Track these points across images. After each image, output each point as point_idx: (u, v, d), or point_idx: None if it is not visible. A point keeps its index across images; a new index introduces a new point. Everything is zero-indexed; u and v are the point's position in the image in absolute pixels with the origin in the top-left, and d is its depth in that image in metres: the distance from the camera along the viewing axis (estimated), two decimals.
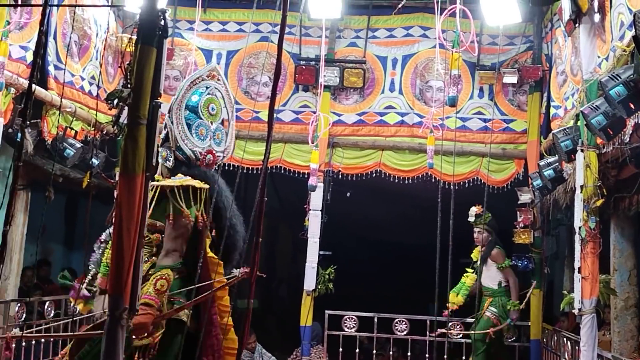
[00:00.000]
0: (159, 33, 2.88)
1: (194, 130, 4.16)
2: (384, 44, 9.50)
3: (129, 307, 2.69)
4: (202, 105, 4.22)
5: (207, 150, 4.24)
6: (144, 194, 2.82)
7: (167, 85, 9.33)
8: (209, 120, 4.26)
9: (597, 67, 6.07)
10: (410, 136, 9.25)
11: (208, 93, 4.32)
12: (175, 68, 9.47)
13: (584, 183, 5.91)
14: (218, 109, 4.33)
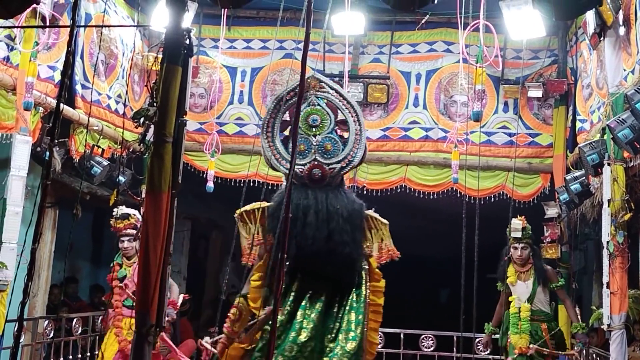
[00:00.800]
0: (184, 52, 2.93)
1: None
2: (407, 59, 9.51)
3: (156, 324, 2.71)
4: (301, 120, 3.95)
5: (311, 165, 3.99)
6: (171, 211, 2.85)
7: (192, 103, 9.41)
8: (310, 133, 4.03)
9: (623, 80, 6.02)
10: (435, 151, 9.22)
11: (308, 105, 4.08)
12: (200, 86, 9.56)
13: (612, 197, 5.85)
14: (322, 119, 4.04)
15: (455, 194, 8.89)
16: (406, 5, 4.87)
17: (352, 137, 4.02)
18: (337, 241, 3.84)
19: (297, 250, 3.82)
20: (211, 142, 8.71)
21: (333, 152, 4.02)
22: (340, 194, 4.00)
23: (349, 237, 3.88)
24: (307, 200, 3.91)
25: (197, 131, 9.45)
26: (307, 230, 3.84)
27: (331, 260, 3.83)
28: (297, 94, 4.02)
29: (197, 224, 11.54)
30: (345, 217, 3.90)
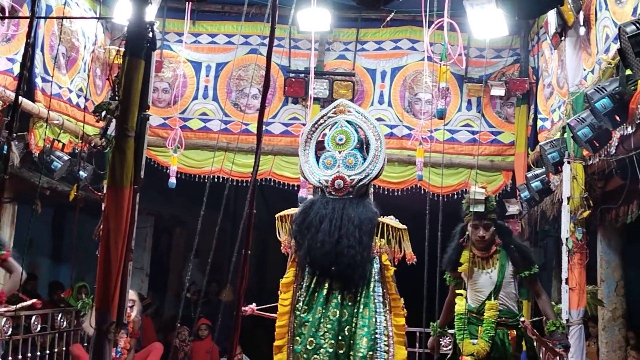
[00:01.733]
0: (147, 45, 2.89)
1: (322, 162, 4.71)
2: (372, 56, 9.54)
3: (117, 321, 2.68)
4: (329, 139, 4.72)
5: (335, 176, 4.61)
6: (132, 207, 2.81)
7: (155, 97, 9.32)
8: (336, 150, 4.69)
9: (583, 79, 6.12)
10: (400, 148, 9.28)
11: (337, 127, 4.77)
12: (164, 80, 9.46)
13: (571, 195, 5.95)
14: (347, 138, 4.70)
15: (419, 191, 8.96)
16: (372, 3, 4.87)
17: (372, 153, 4.65)
18: (344, 245, 4.38)
19: (309, 252, 4.45)
20: (174, 137, 8.64)
21: (354, 165, 4.65)
22: (359, 204, 4.56)
23: (356, 241, 4.39)
24: (326, 210, 4.53)
25: (161, 126, 9.35)
26: (319, 236, 4.43)
27: (338, 261, 4.36)
28: (330, 116, 4.86)
29: (160, 219, 11.43)
30: (356, 224, 4.44)
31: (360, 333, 4.27)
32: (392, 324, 4.41)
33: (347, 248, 4.37)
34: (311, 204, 4.67)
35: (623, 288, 7.15)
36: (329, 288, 4.42)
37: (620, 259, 7.20)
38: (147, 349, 7.82)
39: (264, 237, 14.94)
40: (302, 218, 4.59)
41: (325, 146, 4.74)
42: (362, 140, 4.73)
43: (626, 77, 4.79)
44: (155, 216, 11.08)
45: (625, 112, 4.90)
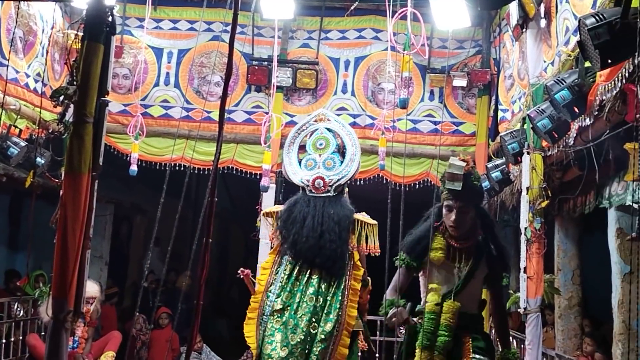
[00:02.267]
0: (107, 29, 2.84)
1: (303, 163, 5.20)
2: (336, 45, 9.54)
3: (74, 310, 2.64)
4: (310, 144, 5.26)
5: (316, 176, 5.09)
6: (91, 194, 2.77)
7: (115, 83, 9.18)
8: (317, 153, 5.22)
9: (543, 71, 6.20)
10: (362, 138, 9.28)
11: (317, 133, 5.30)
12: (125, 66, 9.33)
13: (530, 185, 6.03)
14: (327, 143, 5.25)
15: (382, 181, 9.00)
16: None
17: (348, 157, 5.18)
18: (326, 239, 4.83)
19: (295, 245, 4.87)
20: (135, 124, 8.52)
21: (333, 167, 5.16)
22: (337, 202, 5.03)
23: (336, 236, 4.84)
24: (308, 207, 4.99)
25: (121, 113, 9.23)
26: (304, 231, 4.88)
27: (321, 254, 4.81)
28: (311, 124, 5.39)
29: (120, 207, 11.29)
30: (335, 220, 4.90)
31: (326, 319, 4.75)
32: (346, 314, 4.81)
33: (329, 242, 4.82)
34: (295, 202, 5.09)
35: (579, 277, 7.30)
36: (309, 277, 4.87)
37: (577, 249, 7.34)
38: (105, 337, 7.74)
39: (227, 226, 14.92)
40: (287, 214, 5.02)
41: (306, 150, 5.26)
42: (339, 146, 5.26)
43: (585, 70, 4.87)
44: (115, 204, 10.94)
45: (583, 104, 4.98)
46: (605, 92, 4.60)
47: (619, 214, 5.93)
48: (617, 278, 5.84)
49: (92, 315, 7.20)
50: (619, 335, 5.70)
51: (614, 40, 3.82)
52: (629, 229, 5.54)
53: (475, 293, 4.30)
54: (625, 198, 5.56)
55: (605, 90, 4.61)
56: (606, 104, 4.66)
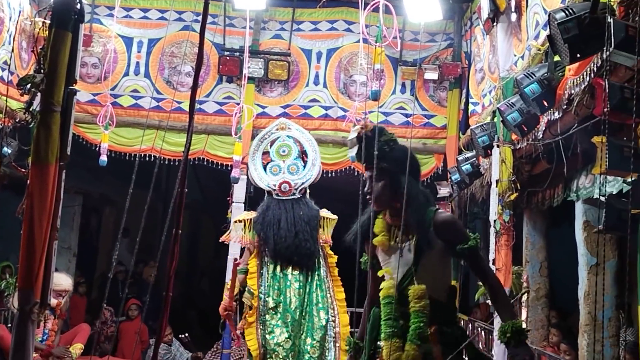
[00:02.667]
0: (75, 17, 2.80)
1: (269, 170, 5.79)
2: (308, 37, 9.52)
3: (40, 302, 2.60)
4: (274, 151, 5.84)
5: (282, 181, 5.70)
6: (58, 184, 2.73)
7: (84, 72, 9.06)
8: (280, 159, 5.81)
9: (513, 65, 6.25)
10: (334, 130, 9.31)
11: (280, 141, 5.89)
12: (94, 55, 9.20)
13: (499, 177, 6.09)
14: (289, 150, 5.86)
15: (353, 173, 9.02)
16: None
17: (310, 162, 5.79)
18: (301, 238, 5.46)
19: (275, 245, 5.45)
20: (105, 114, 8.42)
21: (297, 172, 5.78)
22: (302, 203, 5.66)
23: (309, 235, 5.50)
24: (280, 211, 5.56)
25: (90, 102, 9.11)
26: (281, 232, 5.46)
27: (297, 252, 5.44)
28: (273, 133, 6.00)
29: (89, 198, 11.16)
30: (306, 221, 5.55)
31: (318, 307, 5.37)
32: (335, 299, 5.50)
33: (303, 241, 5.46)
34: (267, 207, 5.66)
35: (547, 269, 7.39)
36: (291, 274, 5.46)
37: (544, 241, 7.44)
38: (74, 330, 7.66)
39: (197, 218, 14.84)
40: (262, 218, 5.60)
41: (270, 157, 5.82)
42: (300, 152, 5.86)
43: (555, 64, 4.92)
44: (83, 195, 10.81)
45: (552, 98, 5.03)
46: (574, 86, 4.65)
47: (586, 207, 6.01)
48: (584, 270, 5.93)
49: (62, 308, 7.13)
50: (585, 326, 5.79)
51: (583, 35, 3.86)
52: (596, 222, 5.61)
53: (438, 274, 3.40)
54: (593, 191, 5.64)
55: (574, 84, 4.66)
56: (575, 97, 4.72)
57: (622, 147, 3.83)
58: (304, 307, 5.38)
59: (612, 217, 3.96)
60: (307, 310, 5.39)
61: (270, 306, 5.35)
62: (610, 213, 3.97)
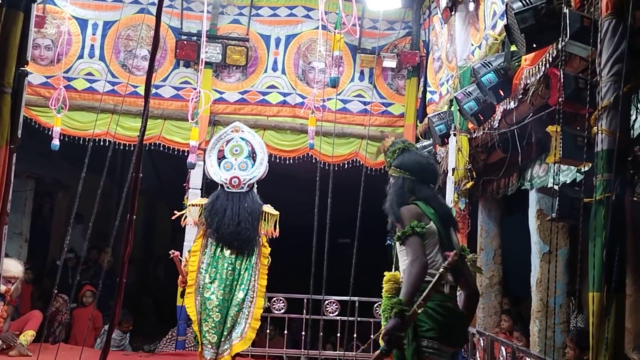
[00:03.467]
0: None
1: (222, 166, 6.59)
2: (267, 22, 9.44)
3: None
4: (228, 150, 6.66)
5: (232, 176, 6.50)
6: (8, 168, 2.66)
7: (37, 54, 8.84)
8: (233, 157, 6.63)
9: (470, 54, 6.31)
10: (292, 116, 9.28)
11: (234, 141, 6.71)
12: (47, 37, 8.98)
13: (456, 166, 6.15)
14: (241, 149, 6.66)
15: (311, 160, 9.02)
16: None
17: (258, 161, 6.62)
18: (242, 227, 6.30)
19: (218, 230, 6.30)
20: (58, 97, 8.24)
21: (246, 169, 6.59)
22: (249, 197, 6.48)
23: (250, 225, 6.33)
24: (228, 201, 6.42)
25: (43, 85, 8.89)
26: (225, 220, 6.30)
27: (238, 238, 6.29)
28: (228, 134, 6.76)
29: (41, 183, 10.92)
30: (249, 212, 6.38)
31: (239, 288, 6.30)
32: (258, 283, 6.37)
33: (244, 229, 6.29)
34: (217, 197, 6.47)
35: (500, 256, 7.52)
36: (228, 256, 6.36)
37: (498, 229, 7.56)
38: (25, 317, 7.53)
39: (153, 203, 14.66)
40: (211, 206, 6.42)
41: (224, 155, 6.62)
42: (250, 152, 6.66)
43: (511, 53, 4.98)
44: (36, 179, 10.58)
45: (508, 87, 5.10)
46: (530, 75, 4.72)
47: (539, 196, 6.12)
48: (537, 258, 6.04)
49: (12, 295, 6.99)
50: (537, 313, 5.91)
51: (539, 25, 3.91)
52: (549, 210, 5.72)
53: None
54: (546, 180, 5.74)
55: (529, 74, 4.73)
56: (530, 87, 4.79)
57: (576, 137, 3.90)
58: (232, 286, 6.32)
59: (565, 205, 4.04)
60: (233, 288, 6.33)
61: (207, 281, 6.28)
62: (564, 201, 4.05)
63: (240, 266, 6.36)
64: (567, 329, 5.89)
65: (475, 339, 6.04)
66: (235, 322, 6.31)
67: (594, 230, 3.26)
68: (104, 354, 2.75)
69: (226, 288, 6.27)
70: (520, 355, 4.96)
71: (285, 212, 6.73)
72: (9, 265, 6.94)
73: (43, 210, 11.71)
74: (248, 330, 6.30)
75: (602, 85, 3.35)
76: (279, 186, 12.25)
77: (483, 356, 5.73)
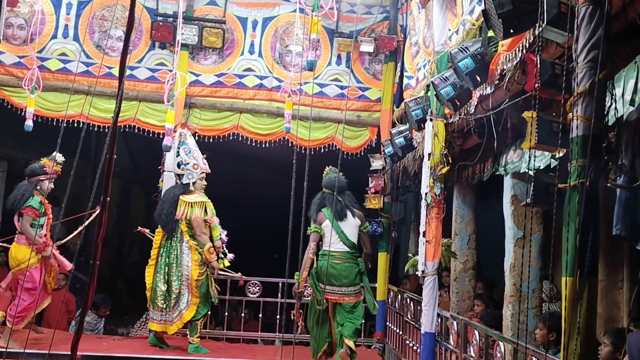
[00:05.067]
0: None
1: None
2: (244, 4, 9.37)
3: None
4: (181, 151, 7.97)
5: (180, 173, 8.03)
6: None
7: (10, 34, 8.69)
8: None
9: (447, 39, 6.30)
10: (269, 100, 9.24)
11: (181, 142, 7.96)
12: (20, 16, 8.83)
13: (432, 151, 6.16)
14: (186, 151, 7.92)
15: (287, 144, 9.00)
16: None
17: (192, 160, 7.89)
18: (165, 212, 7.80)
19: (158, 215, 7.84)
20: (31, 77, 8.11)
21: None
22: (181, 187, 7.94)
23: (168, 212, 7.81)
24: (169, 193, 7.94)
25: (16, 65, 8.76)
26: (163, 205, 7.85)
27: (160, 220, 7.84)
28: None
29: (14, 165, 10.77)
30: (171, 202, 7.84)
31: (177, 264, 7.69)
32: (191, 259, 7.68)
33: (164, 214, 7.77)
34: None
35: (474, 241, 7.58)
36: (167, 239, 7.81)
37: (473, 214, 7.60)
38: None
39: (127, 186, 14.54)
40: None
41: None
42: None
43: (488, 39, 4.98)
44: (8, 161, 10.44)
45: (485, 73, 5.11)
46: (507, 61, 4.73)
47: (514, 182, 6.16)
48: (510, 243, 6.09)
49: None
50: (510, 297, 5.96)
51: (516, 10, 3.92)
52: (523, 196, 5.76)
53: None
54: (521, 165, 5.77)
55: (506, 60, 4.73)
56: (507, 73, 4.80)
57: (552, 123, 3.92)
58: (170, 265, 7.68)
59: (540, 191, 4.07)
60: (173, 265, 7.67)
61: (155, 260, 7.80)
62: (538, 187, 4.07)
63: (175, 247, 7.71)
64: (539, 313, 5.96)
65: (448, 322, 6.09)
66: (180, 293, 7.60)
67: (567, 216, 3.28)
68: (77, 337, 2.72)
69: (166, 266, 7.67)
70: (493, 339, 5.01)
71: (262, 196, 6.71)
72: None
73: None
74: (192, 298, 7.60)
75: (578, 71, 3.36)
76: (255, 169, 12.23)
77: (457, 340, 5.78)
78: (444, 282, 7.85)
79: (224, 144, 9.26)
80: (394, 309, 8.40)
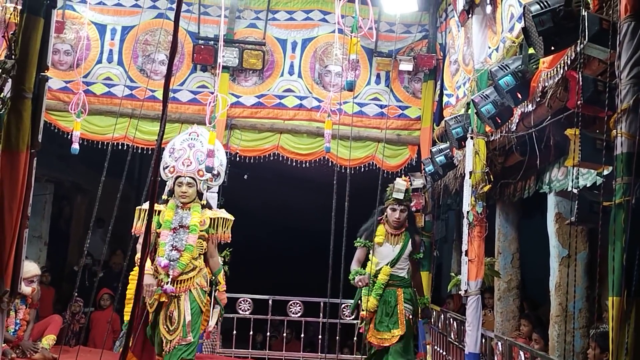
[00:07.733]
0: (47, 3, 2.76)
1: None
2: (284, 26, 9.47)
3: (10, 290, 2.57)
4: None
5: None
6: (29, 172, 2.69)
7: (56, 59, 8.92)
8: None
9: (487, 57, 6.28)
10: (309, 120, 9.30)
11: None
12: (66, 42, 9.07)
13: (473, 169, 6.11)
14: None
15: (327, 163, 9.03)
16: None
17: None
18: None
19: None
20: (77, 101, 8.32)
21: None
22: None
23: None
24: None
25: (62, 90, 8.99)
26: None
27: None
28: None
29: (60, 187, 11.03)
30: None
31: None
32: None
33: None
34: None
35: (518, 260, 7.47)
36: None
37: (516, 232, 7.51)
38: (45, 320, 7.58)
39: None
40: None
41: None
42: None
43: (529, 56, 4.95)
44: (55, 183, 10.69)
45: (526, 90, 5.07)
46: (548, 78, 4.69)
47: (558, 199, 6.08)
48: (555, 261, 6.00)
49: (33, 297, 7.05)
50: (556, 317, 5.87)
51: (557, 28, 3.89)
52: (568, 214, 5.68)
53: (404, 265, 6.59)
54: (565, 183, 5.70)
55: (547, 77, 4.70)
56: (548, 90, 4.75)
57: (595, 140, 3.87)
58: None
59: (584, 209, 4.01)
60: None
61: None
62: (582, 205, 4.02)
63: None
64: (586, 333, 5.84)
65: (493, 343, 6.00)
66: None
67: (613, 234, 3.23)
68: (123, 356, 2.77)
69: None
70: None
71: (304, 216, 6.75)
72: (26, 265, 7.02)
73: (62, 214, 11.82)
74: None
75: (621, 87, 3.32)
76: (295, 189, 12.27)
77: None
78: (487, 304, 7.75)
79: (265, 164, 9.33)
80: (437, 329, 8.30)
